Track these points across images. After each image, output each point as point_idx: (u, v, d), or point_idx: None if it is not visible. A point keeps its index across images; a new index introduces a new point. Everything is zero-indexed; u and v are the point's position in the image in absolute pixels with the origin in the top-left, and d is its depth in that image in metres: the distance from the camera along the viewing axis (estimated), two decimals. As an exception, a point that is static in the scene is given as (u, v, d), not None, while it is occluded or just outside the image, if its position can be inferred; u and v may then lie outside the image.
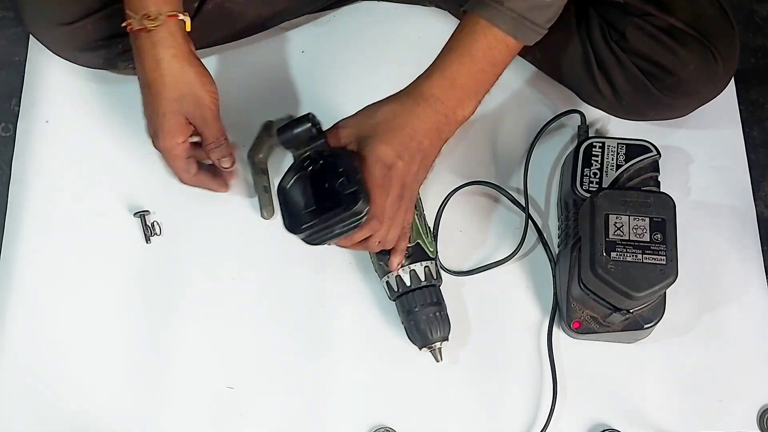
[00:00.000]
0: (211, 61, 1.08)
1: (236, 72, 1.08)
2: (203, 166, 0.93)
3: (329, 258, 0.95)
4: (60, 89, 1.06)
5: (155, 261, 0.98)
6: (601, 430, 0.92)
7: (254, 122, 1.05)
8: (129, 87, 1.05)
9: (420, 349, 0.92)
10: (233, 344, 0.95)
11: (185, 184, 0.92)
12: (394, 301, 0.93)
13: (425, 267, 0.92)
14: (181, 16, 0.84)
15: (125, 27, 0.84)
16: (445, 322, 0.92)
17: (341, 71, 1.08)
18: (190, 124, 0.86)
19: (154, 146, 0.88)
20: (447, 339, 0.92)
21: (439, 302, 0.92)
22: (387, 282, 0.93)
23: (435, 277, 0.93)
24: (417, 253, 0.92)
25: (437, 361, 0.92)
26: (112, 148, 1.03)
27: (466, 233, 1.00)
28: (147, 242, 0.98)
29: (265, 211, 0.98)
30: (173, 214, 1.00)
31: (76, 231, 0.99)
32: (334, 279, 0.98)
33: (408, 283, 0.91)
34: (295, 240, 0.96)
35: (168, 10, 0.83)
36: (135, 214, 0.99)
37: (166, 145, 0.86)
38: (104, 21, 0.95)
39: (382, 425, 0.92)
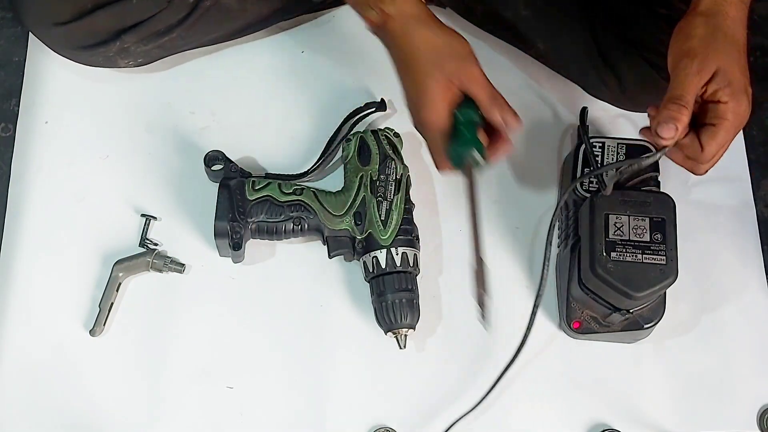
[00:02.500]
0: (211, 60, 1.08)
1: (236, 72, 1.08)
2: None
3: (328, 259, 0.95)
4: (60, 89, 1.06)
5: (155, 261, 0.98)
6: (601, 430, 0.92)
7: (253, 123, 1.05)
8: (129, 86, 1.06)
9: (385, 333, 0.92)
10: (233, 344, 0.95)
11: (443, 171, 0.82)
12: (368, 282, 0.94)
13: (403, 253, 0.92)
14: None
15: (367, 24, 0.81)
16: (414, 310, 0.92)
17: (341, 71, 1.08)
18: (454, 85, 0.77)
19: (417, 124, 0.80)
20: (413, 327, 0.92)
21: (412, 290, 0.93)
22: (364, 262, 0.93)
23: (412, 265, 0.93)
24: (369, 243, 0.93)
25: (400, 348, 0.92)
26: (112, 147, 1.03)
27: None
28: (140, 245, 0.98)
29: (97, 327, 0.93)
30: (172, 213, 1.00)
31: (76, 231, 0.99)
32: (333, 279, 0.98)
33: (383, 266, 0.92)
34: (294, 240, 0.97)
35: None
36: (142, 215, 0.99)
37: (430, 116, 0.78)
38: (99, 21, 0.96)
39: (382, 425, 0.92)
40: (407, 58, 0.80)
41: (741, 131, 1.05)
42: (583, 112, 1.02)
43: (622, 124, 1.05)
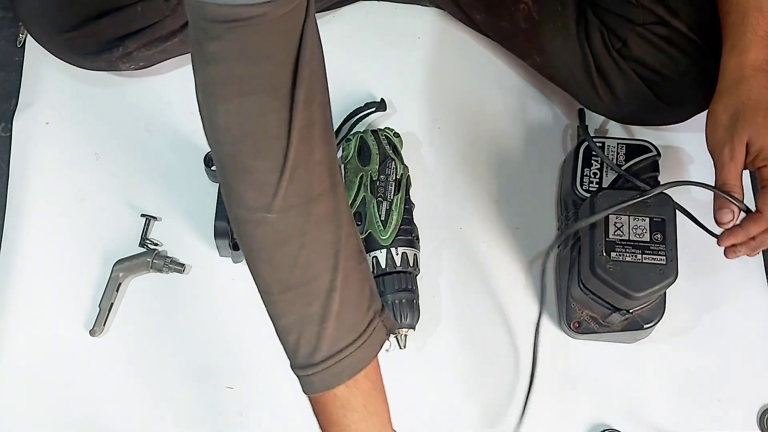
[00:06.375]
0: (211, 61, 1.08)
1: (236, 72, 1.08)
2: None
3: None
4: (60, 89, 1.06)
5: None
6: (601, 430, 0.92)
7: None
8: (129, 87, 1.06)
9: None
10: (233, 344, 0.95)
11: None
12: None
13: (403, 253, 0.92)
14: None
15: None
16: (414, 310, 0.92)
17: (341, 71, 1.08)
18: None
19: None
20: (413, 327, 0.93)
21: (412, 290, 0.93)
22: None
23: (412, 265, 0.93)
24: (369, 243, 0.93)
25: (400, 348, 0.93)
26: (112, 147, 1.03)
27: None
28: (140, 245, 0.98)
29: (97, 327, 0.93)
30: (172, 214, 1.00)
31: (76, 231, 0.99)
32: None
33: (383, 266, 0.92)
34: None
35: None
36: (142, 215, 0.99)
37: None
38: (103, 28, 0.96)
39: (382, 425, 0.92)
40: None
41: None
42: (581, 112, 1.02)
43: (621, 124, 1.05)
